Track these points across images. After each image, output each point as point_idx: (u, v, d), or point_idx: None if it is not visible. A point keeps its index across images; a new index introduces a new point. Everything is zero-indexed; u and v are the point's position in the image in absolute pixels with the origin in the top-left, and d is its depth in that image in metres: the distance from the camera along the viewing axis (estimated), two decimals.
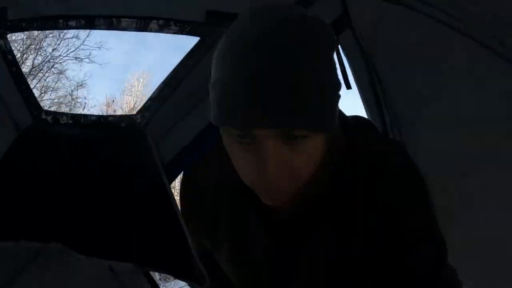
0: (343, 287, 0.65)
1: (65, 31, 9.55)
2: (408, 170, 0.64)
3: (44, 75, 11.14)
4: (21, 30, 1.23)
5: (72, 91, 11.81)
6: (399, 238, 0.62)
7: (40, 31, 8.71)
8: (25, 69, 10.07)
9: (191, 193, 0.76)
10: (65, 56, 11.14)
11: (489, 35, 0.98)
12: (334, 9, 1.12)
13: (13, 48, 1.25)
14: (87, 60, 11.44)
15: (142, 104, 1.49)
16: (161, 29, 1.24)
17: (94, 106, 14.97)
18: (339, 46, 1.11)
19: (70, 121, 1.42)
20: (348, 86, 1.09)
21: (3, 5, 1.11)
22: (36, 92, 3.65)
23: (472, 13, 0.96)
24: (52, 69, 11.26)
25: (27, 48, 10.33)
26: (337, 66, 0.58)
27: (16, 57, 1.33)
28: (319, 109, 0.51)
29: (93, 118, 1.44)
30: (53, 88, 11.60)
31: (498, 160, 1.15)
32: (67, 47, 11.06)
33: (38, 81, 11.10)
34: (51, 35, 10.50)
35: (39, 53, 10.76)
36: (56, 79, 11.54)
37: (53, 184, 1.30)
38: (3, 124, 1.36)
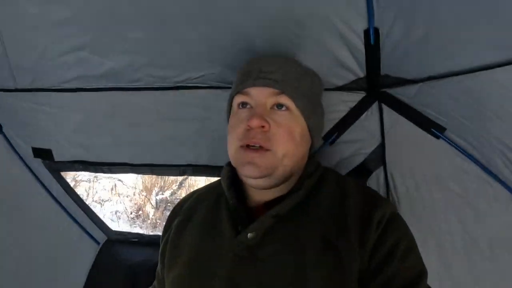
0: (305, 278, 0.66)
1: None
2: (365, 187, 0.81)
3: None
4: (68, 170, 1.42)
5: None
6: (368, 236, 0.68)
7: None
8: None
9: (176, 206, 0.91)
10: None
11: None
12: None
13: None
14: None
15: None
16: None
17: None
18: None
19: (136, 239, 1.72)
20: None
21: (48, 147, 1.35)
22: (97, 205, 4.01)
23: None
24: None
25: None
26: None
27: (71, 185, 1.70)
28: (303, 93, 0.75)
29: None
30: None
31: None
32: None
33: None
34: None
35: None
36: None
37: None
38: (82, 239, 1.65)
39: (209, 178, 1.45)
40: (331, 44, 0.92)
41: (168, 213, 1.11)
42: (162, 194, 4.34)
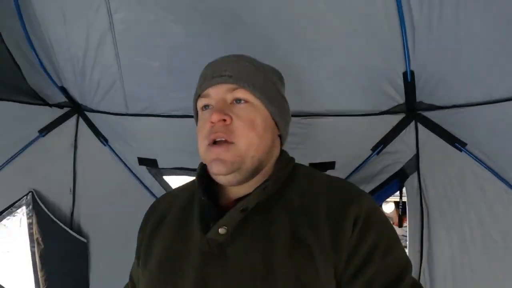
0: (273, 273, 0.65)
1: None
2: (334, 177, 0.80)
3: None
4: (171, 174, 1.69)
5: None
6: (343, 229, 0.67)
7: None
8: None
9: (151, 207, 0.90)
10: None
11: None
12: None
13: None
14: None
15: None
16: None
17: None
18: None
19: None
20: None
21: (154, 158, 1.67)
22: None
23: None
24: None
25: None
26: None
27: None
28: (258, 84, 0.75)
29: None
30: None
31: None
32: None
33: None
34: None
35: None
36: None
37: None
38: None
39: None
40: (381, 83, 1.30)
41: None
42: None
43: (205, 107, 0.77)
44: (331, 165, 1.54)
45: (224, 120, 0.72)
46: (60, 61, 1.41)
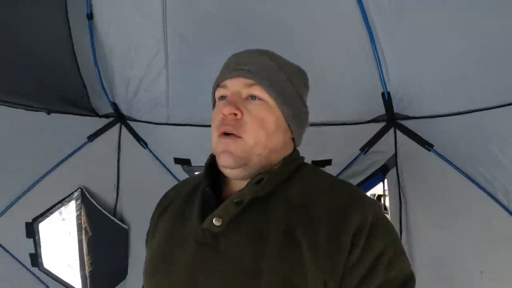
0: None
1: None
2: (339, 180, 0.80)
3: None
4: None
5: None
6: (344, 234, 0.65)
7: None
8: None
9: (163, 196, 0.92)
10: None
11: None
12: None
13: None
14: None
15: None
16: None
17: None
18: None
19: None
20: None
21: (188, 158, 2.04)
22: None
23: None
24: None
25: None
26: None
27: None
28: (276, 84, 0.75)
29: None
30: None
31: None
32: None
33: None
34: None
35: None
36: None
37: None
38: None
39: None
40: (366, 100, 1.71)
41: None
42: None
43: (222, 97, 0.78)
44: (328, 162, 1.94)
45: (235, 114, 0.73)
46: (117, 83, 1.80)
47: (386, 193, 1.94)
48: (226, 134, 0.73)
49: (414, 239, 1.89)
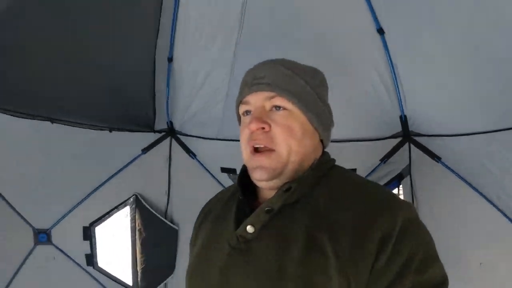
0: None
1: None
2: (372, 182, 0.80)
3: None
4: None
5: None
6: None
7: None
8: None
9: (204, 206, 0.96)
10: None
11: None
12: None
13: None
14: None
15: None
16: None
17: None
18: None
19: None
20: None
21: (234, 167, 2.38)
22: None
23: None
24: None
25: None
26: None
27: None
28: (295, 91, 0.77)
29: None
30: None
31: None
32: None
33: None
34: None
35: None
36: None
37: None
38: None
39: None
40: (387, 121, 2.11)
41: None
42: None
43: (246, 112, 0.81)
44: (354, 170, 2.33)
45: (263, 128, 0.75)
46: (180, 106, 2.13)
47: (401, 197, 2.34)
48: (256, 149, 0.77)
49: None
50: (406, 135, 2.20)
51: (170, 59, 1.84)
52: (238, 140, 0.83)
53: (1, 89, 1.78)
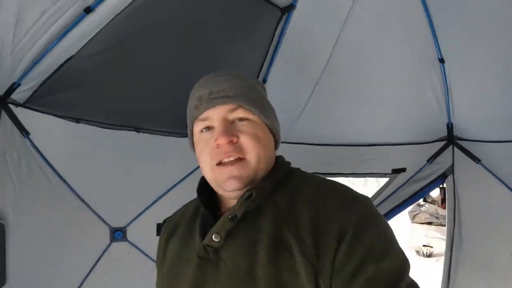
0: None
1: None
2: (329, 181, 0.81)
3: None
4: None
5: None
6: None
7: None
8: None
9: (167, 222, 0.97)
10: None
11: None
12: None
13: None
14: None
15: None
16: None
17: None
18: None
19: None
20: None
21: None
22: None
23: None
24: None
25: None
26: None
27: None
28: (255, 101, 0.79)
29: None
30: None
31: None
32: None
33: None
34: None
35: None
36: None
37: None
38: None
39: None
40: (436, 127, 2.44)
41: None
42: None
43: (206, 129, 0.79)
44: (403, 169, 2.66)
45: (231, 140, 0.75)
46: None
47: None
48: (222, 163, 0.76)
49: (463, 226, 2.65)
50: (451, 139, 2.54)
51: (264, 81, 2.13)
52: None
53: (109, 108, 2.05)
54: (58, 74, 1.61)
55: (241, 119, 0.78)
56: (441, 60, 2.07)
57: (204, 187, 0.85)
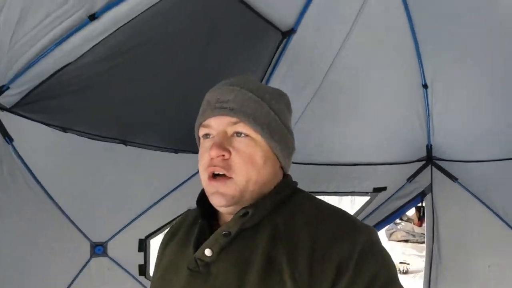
0: None
1: None
2: (333, 207, 0.79)
3: None
4: None
5: None
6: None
7: None
8: None
9: (172, 225, 0.97)
10: None
11: None
12: None
13: None
14: None
15: None
16: None
17: None
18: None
19: None
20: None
21: None
22: None
23: None
24: None
25: None
26: None
27: None
28: (260, 118, 0.76)
29: None
30: None
31: None
32: None
33: None
34: None
35: None
36: None
37: None
38: None
39: None
40: (415, 148, 2.57)
41: None
42: None
43: (206, 135, 0.79)
44: (384, 188, 2.75)
45: (223, 155, 0.74)
46: None
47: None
48: (214, 175, 0.75)
49: (442, 241, 2.75)
50: (429, 159, 2.67)
51: None
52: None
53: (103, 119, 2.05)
54: (52, 80, 1.60)
55: (240, 134, 0.76)
56: (425, 86, 2.23)
57: (202, 198, 0.84)
